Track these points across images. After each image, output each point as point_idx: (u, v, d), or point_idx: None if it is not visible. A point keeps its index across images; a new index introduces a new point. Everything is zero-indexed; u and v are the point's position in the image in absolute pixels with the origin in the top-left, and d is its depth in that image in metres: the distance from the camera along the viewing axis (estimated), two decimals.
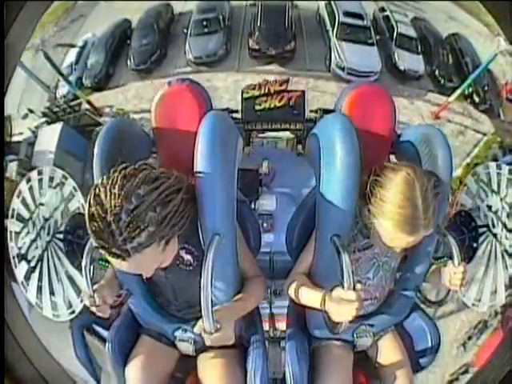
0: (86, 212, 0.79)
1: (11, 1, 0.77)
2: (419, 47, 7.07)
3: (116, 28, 7.42)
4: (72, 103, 5.89)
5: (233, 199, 1.01)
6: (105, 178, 0.83)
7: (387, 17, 7.29)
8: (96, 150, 0.98)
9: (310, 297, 1.08)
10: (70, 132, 5.40)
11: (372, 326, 1.20)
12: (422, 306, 1.24)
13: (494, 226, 1.60)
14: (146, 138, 1.16)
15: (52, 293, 1.68)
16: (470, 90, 5.95)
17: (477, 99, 5.93)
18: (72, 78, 6.46)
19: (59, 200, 1.71)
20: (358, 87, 1.15)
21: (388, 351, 1.21)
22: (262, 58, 7.35)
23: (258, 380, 1.08)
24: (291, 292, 1.14)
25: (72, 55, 6.81)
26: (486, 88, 5.90)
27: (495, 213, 1.60)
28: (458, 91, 5.84)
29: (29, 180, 1.68)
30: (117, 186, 0.80)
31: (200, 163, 0.95)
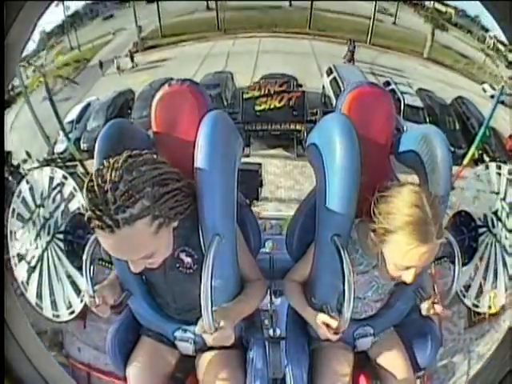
0: (85, 184, 0.80)
1: (11, 1, 0.77)
2: (427, 118, 6.85)
3: (119, 96, 7.38)
4: (68, 163, 5.70)
5: (233, 199, 1.01)
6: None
7: (393, 90, 7.07)
8: (96, 150, 0.98)
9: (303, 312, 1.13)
10: None
11: (372, 326, 1.20)
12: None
13: (493, 226, 1.60)
14: (145, 138, 1.15)
15: (52, 293, 1.68)
16: (480, 152, 5.89)
17: (487, 159, 5.85)
18: (71, 136, 6.34)
19: (59, 200, 1.71)
20: (358, 87, 1.15)
21: (388, 351, 1.21)
22: (266, 138, 6.44)
23: (258, 380, 1.08)
24: (287, 297, 1.19)
25: (74, 113, 6.80)
26: (493, 147, 5.80)
27: (495, 213, 1.60)
28: (469, 155, 5.72)
29: (29, 180, 1.68)
30: (121, 161, 0.82)
31: (200, 163, 0.95)
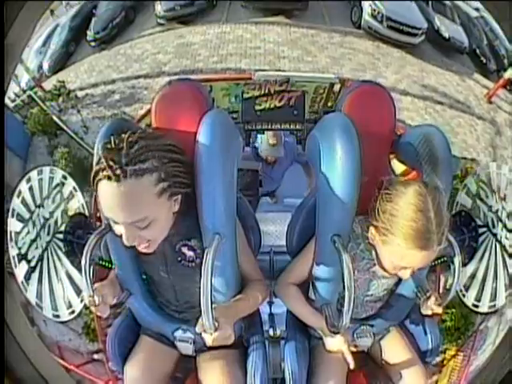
0: (102, 144, 0.88)
1: (11, 1, 0.77)
2: (456, 17, 6.04)
3: (86, 4, 6.40)
4: (29, 92, 5.36)
5: (233, 199, 1.01)
6: None
7: None
8: (96, 150, 0.98)
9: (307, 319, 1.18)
10: (14, 124, 4.90)
11: (372, 326, 1.20)
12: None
13: (493, 226, 1.59)
14: None
15: (52, 293, 1.68)
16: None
17: None
18: (34, 64, 5.81)
19: (59, 200, 1.71)
20: (359, 87, 1.15)
21: (395, 348, 1.21)
22: (262, 1, 5.12)
23: (257, 380, 1.08)
24: (287, 304, 1.23)
25: (41, 40, 6.10)
26: None
27: (495, 213, 1.60)
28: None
29: (29, 180, 1.68)
30: (138, 131, 0.90)
31: (200, 163, 0.95)
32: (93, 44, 6.03)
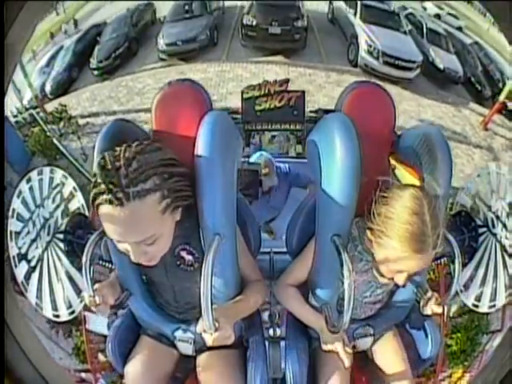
0: (96, 163, 0.82)
1: (11, 1, 0.77)
2: (450, 47, 6.11)
3: (92, 28, 6.61)
4: (32, 111, 5.39)
5: (233, 199, 1.01)
6: None
7: (411, 14, 6.36)
8: (96, 151, 0.98)
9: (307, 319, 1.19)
10: (14, 139, 4.84)
11: (372, 326, 1.20)
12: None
13: (493, 226, 1.59)
14: (147, 138, 1.15)
15: (52, 293, 1.68)
16: (504, 101, 5.56)
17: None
18: (37, 83, 5.87)
19: (59, 200, 1.71)
20: (359, 87, 1.15)
21: (387, 352, 1.21)
22: (261, 40, 5.20)
23: (257, 380, 1.08)
24: (286, 305, 1.23)
25: (45, 59, 6.26)
26: None
27: (495, 213, 1.60)
28: (507, 88, 5.41)
29: (29, 180, 1.68)
30: (134, 145, 0.86)
31: (200, 163, 0.95)
32: (95, 72, 6.07)
